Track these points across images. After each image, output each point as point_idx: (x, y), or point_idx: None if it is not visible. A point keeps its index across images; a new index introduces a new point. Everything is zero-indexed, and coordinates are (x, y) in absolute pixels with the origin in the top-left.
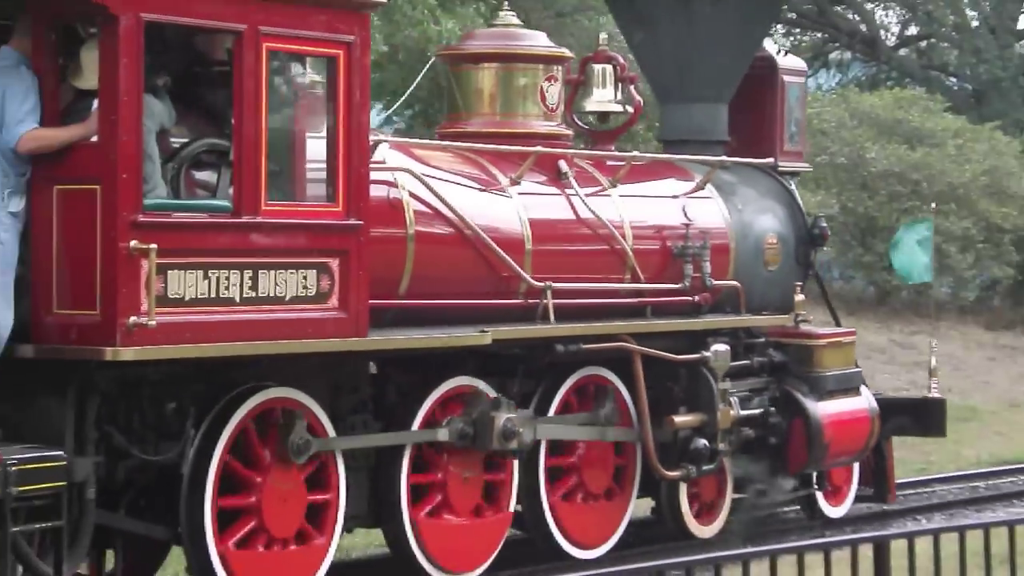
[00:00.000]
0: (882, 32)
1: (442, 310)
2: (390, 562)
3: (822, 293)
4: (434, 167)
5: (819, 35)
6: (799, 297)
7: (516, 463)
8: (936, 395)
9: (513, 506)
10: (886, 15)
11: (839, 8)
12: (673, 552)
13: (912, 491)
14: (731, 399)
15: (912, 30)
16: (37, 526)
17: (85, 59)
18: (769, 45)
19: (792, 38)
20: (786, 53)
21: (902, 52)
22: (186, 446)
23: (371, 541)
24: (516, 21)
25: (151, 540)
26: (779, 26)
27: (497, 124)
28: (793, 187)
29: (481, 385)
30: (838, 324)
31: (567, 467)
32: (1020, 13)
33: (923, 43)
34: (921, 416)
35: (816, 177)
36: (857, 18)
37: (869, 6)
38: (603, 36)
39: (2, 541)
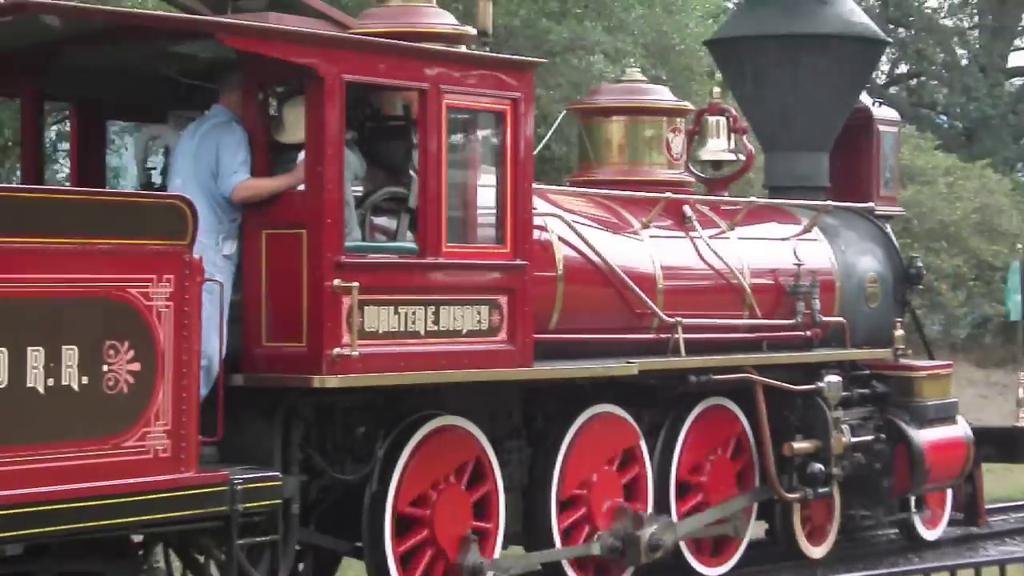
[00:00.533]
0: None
1: (585, 343)
2: None
3: (917, 328)
4: (574, 212)
5: None
6: (899, 332)
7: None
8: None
9: None
10: None
11: None
12: (789, 571)
13: (1000, 516)
14: (843, 427)
15: (902, 68)
16: (258, 539)
17: (288, 116)
18: (864, 97)
19: None
20: (880, 104)
21: (892, 90)
22: (375, 466)
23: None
24: (641, 76)
25: (327, 554)
26: None
27: (626, 172)
28: (889, 230)
29: (619, 411)
30: (931, 357)
31: (695, 487)
32: (1010, 51)
33: (913, 81)
34: (1007, 445)
35: None
36: None
37: None
38: (716, 90)
39: (229, 553)
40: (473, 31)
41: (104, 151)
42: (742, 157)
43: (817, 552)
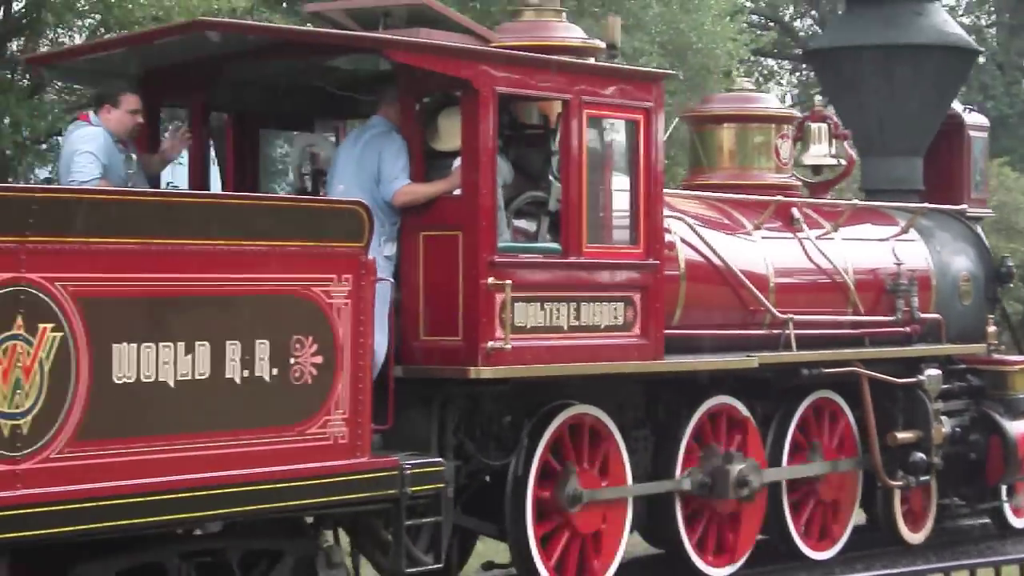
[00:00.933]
0: None
1: (703, 338)
2: (663, 560)
3: (1008, 325)
4: (692, 214)
5: None
6: (991, 328)
7: None
8: None
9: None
10: None
11: None
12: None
13: None
14: (942, 418)
15: None
16: (423, 520)
17: (443, 125)
18: (954, 103)
19: (799, 74)
20: (971, 111)
21: None
22: (520, 452)
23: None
24: (750, 86)
25: (468, 535)
26: (787, 62)
27: (736, 176)
28: (980, 231)
29: (735, 403)
30: (1022, 352)
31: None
32: None
33: None
34: None
35: None
36: None
37: None
38: (819, 99)
39: (397, 534)
40: (602, 44)
41: (259, 158)
42: (843, 162)
43: (916, 538)
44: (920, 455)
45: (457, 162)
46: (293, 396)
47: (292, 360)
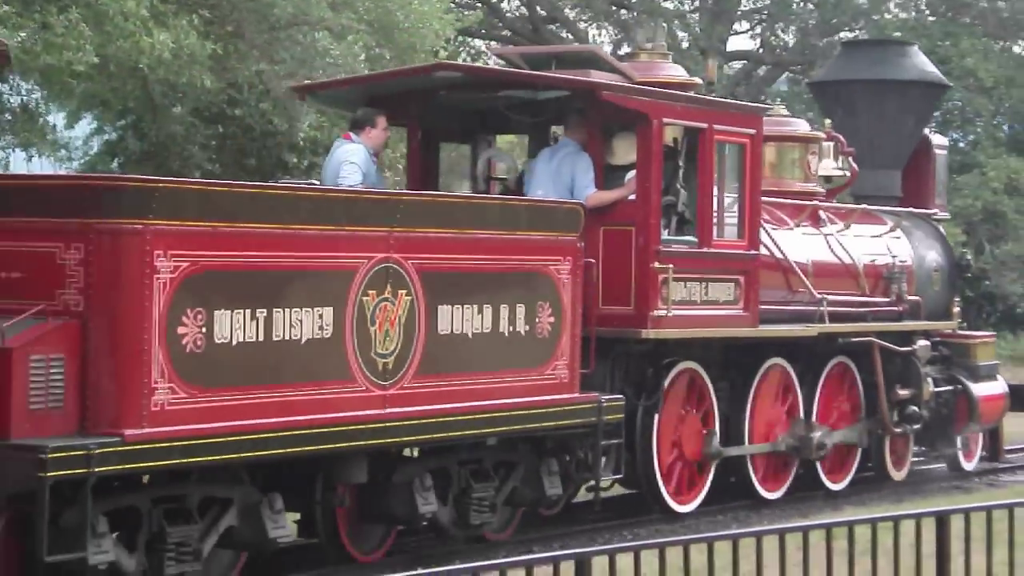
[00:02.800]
0: None
1: (767, 312)
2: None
3: (963, 307)
4: None
5: None
6: (956, 310)
7: None
8: None
9: None
10: (599, 33)
11: (553, 27)
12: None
13: (1018, 454)
14: (928, 379)
15: (624, 49)
16: (612, 441)
17: (617, 146)
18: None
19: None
20: (935, 132)
21: None
22: (659, 396)
23: None
24: (785, 112)
25: None
26: (494, 43)
27: (775, 184)
28: (943, 230)
29: (784, 363)
30: (978, 330)
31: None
32: (729, 34)
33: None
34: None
35: None
36: (570, 36)
37: (582, 25)
38: (828, 122)
39: (595, 450)
40: (700, 81)
41: (438, 165)
42: (847, 173)
43: (899, 475)
44: (914, 408)
45: (630, 174)
46: (537, 346)
47: (537, 319)
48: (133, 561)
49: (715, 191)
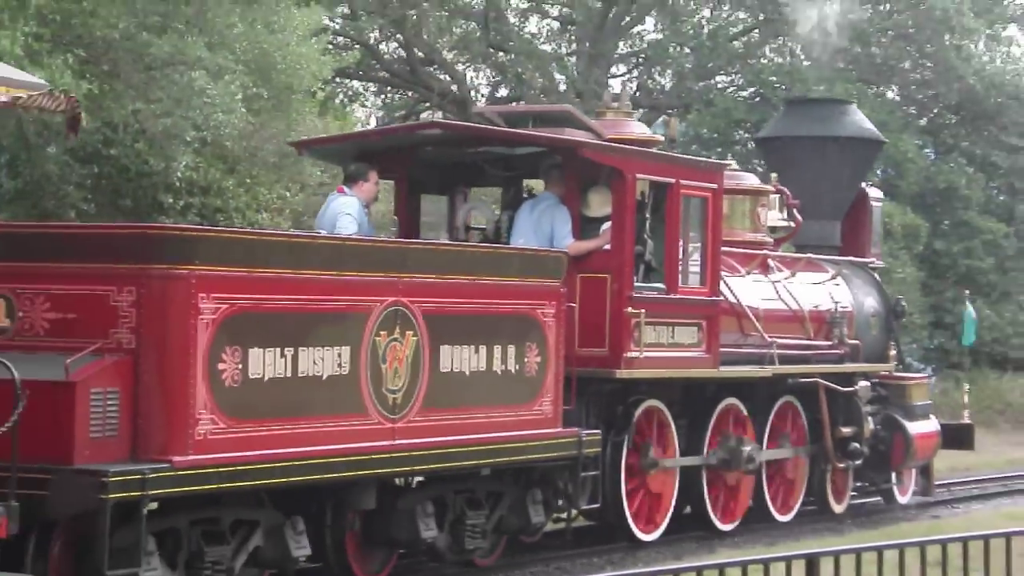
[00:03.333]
0: (472, 92)
1: (722, 354)
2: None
3: (897, 351)
4: None
5: (410, 94)
6: (892, 352)
7: None
8: (967, 421)
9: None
10: (476, 76)
11: (431, 68)
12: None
13: (945, 488)
14: (868, 418)
15: (502, 91)
16: (589, 473)
17: (592, 199)
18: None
19: (384, 97)
20: (871, 185)
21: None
22: (630, 431)
23: None
24: (736, 165)
25: None
26: (372, 85)
27: (728, 234)
28: (878, 277)
29: (738, 402)
30: (911, 371)
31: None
32: (607, 77)
33: (515, 103)
34: (955, 436)
35: None
36: (448, 78)
37: (460, 67)
38: (774, 176)
39: (575, 480)
40: (662, 139)
41: (419, 215)
42: (791, 224)
43: (839, 508)
44: (856, 444)
45: (605, 225)
46: (526, 384)
47: (526, 359)
48: None
49: (680, 241)
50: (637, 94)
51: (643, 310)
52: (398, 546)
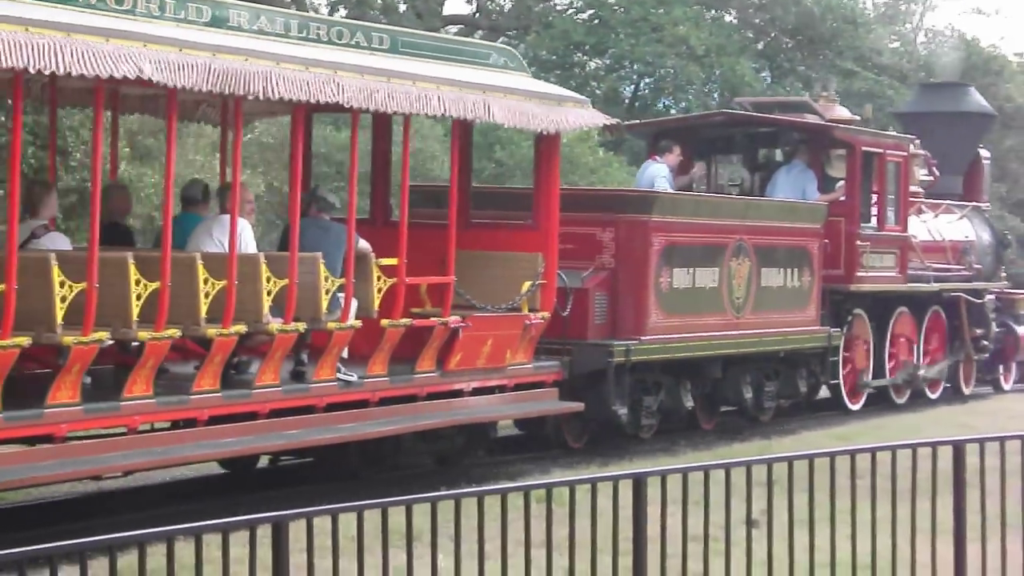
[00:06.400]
0: (310, 11)
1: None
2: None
3: (1008, 273)
4: None
5: None
6: (1003, 274)
7: None
8: None
9: None
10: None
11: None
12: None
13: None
14: (992, 323)
15: (341, 11)
16: (833, 359)
17: (835, 163)
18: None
19: None
20: (983, 147)
21: None
22: (847, 330)
23: None
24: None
25: None
26: None
27: None
28: (988, 216)
29: (907, 310)
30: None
31: (929, 351)
32: None
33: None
34: None
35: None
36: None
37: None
38: (917, 141)
39: (825, 364)
40: (859, 118)
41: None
42: (931, 178)
43: (967, 390)
44: (985, 342)
45: (839, 183)
46: (803, 294)
47: (803, 277)
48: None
49: (885, 193)
50: (477, 16)
51: (868, 243)
52: (728, 404)
